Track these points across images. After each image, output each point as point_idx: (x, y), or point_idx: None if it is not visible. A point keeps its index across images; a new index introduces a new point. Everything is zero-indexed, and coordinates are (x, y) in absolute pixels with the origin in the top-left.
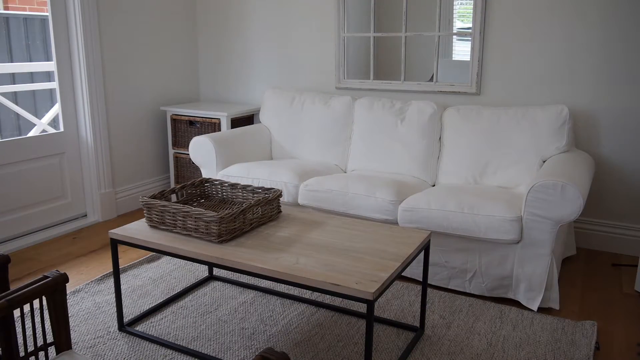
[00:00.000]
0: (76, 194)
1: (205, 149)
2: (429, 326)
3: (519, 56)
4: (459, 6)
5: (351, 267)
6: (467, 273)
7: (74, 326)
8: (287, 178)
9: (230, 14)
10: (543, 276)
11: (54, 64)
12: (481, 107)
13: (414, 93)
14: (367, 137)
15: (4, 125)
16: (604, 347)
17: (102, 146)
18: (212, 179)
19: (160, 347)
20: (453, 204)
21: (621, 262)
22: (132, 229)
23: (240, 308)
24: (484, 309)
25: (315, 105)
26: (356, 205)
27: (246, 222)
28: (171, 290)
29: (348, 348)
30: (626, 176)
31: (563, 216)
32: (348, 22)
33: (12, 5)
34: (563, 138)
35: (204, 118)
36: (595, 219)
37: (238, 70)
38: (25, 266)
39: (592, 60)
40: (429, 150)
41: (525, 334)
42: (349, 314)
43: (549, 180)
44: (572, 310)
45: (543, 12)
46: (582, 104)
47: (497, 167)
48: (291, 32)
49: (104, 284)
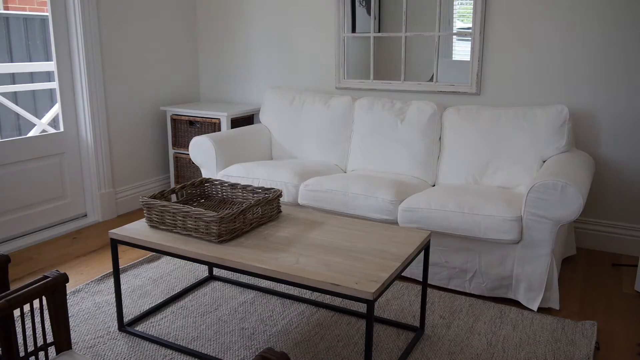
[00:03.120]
0: (76, 194)
1: (205, 149)
2: (429, 326)
3: (519, 56)
4: (459, 6)
5: (351, 267)
6: (467, 273)
7: (74, 326)
8: (287, 178)
9: (230, 14)
10: (543, 276)
11: (54, 64)
12: (481, 107)
13: (414, 93)
14: (367, 137)
15: (4, 125)
16: (604, 347)
17: (102, 146)
18: (212, 179)
19: (160, 347)
20: (453, 204)
21: (621, 262)
22: (132, 229)
23: (240, 308)
24: (484, 309)
25: (315, 105)
26: (356, 205)
27: (246, 222)
28: (171, 290)
29: (348, 348)
30: (626, 176)
31: (563, 216)
32: (348, 22)
33: (12, 5)
34: (563, 138)
35: (204, 118)
36: (595, 219)
37: (238, 70)
38: (25, 266)
39: (592, 60)
40: (429, 150)
41: (525, 334)
42: (349, 314)
43: (549, 180)
44: (572, 310)
45: (543, 12)
46: (582, 104)
47: (497, 167)
48: (291, 32)
49: (104, 284)
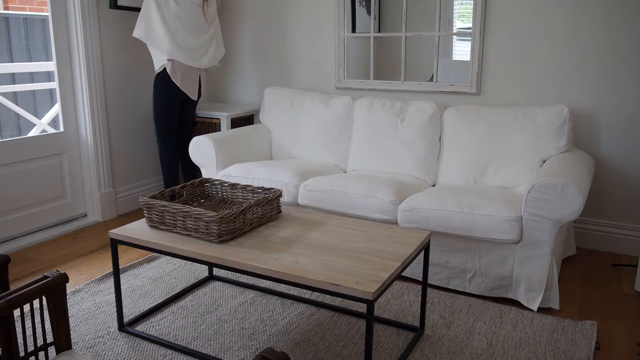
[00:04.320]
0: (76, 194)
1: (205, 149)
2: (429, 326)
3: (519, 56)
4: (459, 6)
5: (351, 267)
6: (467, 273)
7: (74, 326)
8: (287, 178)
9: (229, 14)
10: (543, 276)
11: (54, 64)
12: (481, 107)
13: (414, 93)
14: (367, 137)
15: (4, 125)
16: (604, 347)
17: (102, 146)
18: (212, 179)
19: (160, 347)
20: (453, 204)
21: (621, 262)
22: (132, 229)
23: (240, 308)
24: (484, 309)
25: (315, 105)
26: (356, 205)
27: (246, 222)
28: (171, 290)
29: (348, 348)
30: (626, 176)
31: (563, 216)
32: (348, 22)
33: (12, 5)
34: (563, 138)
35: (204, 118)
36: (595, 219)
37: (238, 70)
38: (25, 266)
39: (593, 60)
40: (429, 150)
41: (525, 334)
42: (349, 314)
43: (549, 180)
44: (572, 310)
45: (543, 12)
46: (582, 104)
47: (497, 167)
48: (291, 32)
49: (104, 284)
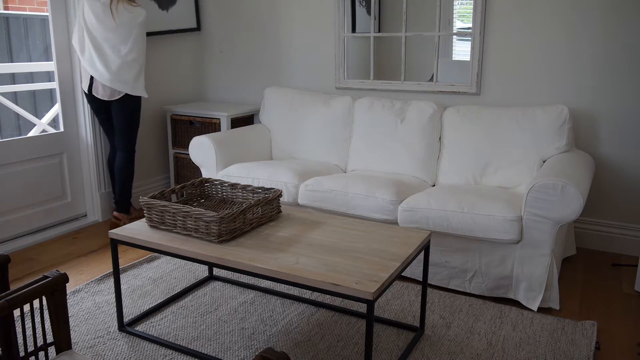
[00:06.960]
0: (76, 194)
1: (205, 149)
2: (429, 326)
3: (519, 56)
4: (459, 6)
5: (351, 267)
6: (467, 273)
7: (74, 326)
8: (287, 178)
9: (230, 14)
10: (543, 276)
11: (54, 64)
12: (481, 107)
13: (414, 93)
14: (367, 137)
15: (4, 125)
16: (604, 347)
17: (102, 146)
18: (212, 179)
19: (160, 347)
20: (453, 203)
21: (621, 262)
22: (132, 229)
23: (240, 308)
24: (484, 309)
25: (315, 105)
26: (356, 205)
27: (246, 222)
28: (171, 290)
29: (348, 348)
30: (626, 176)
31: (563, 216)
32: (348, 22)
33: (12, 5)
34: (563, 138)
35: (204, 118)
36: (595, 219)
37: (238, 70)
38: (25, 266)
39: (593, 60)
40: (429, 150)
41: (525, 334)
42: (349, 314)
43: (549, 180)
44: (572, 310)
45: (543, 12)
46: (582, 104)
47: (497, 167)
48: (291, 31)
49: (104, 284)
